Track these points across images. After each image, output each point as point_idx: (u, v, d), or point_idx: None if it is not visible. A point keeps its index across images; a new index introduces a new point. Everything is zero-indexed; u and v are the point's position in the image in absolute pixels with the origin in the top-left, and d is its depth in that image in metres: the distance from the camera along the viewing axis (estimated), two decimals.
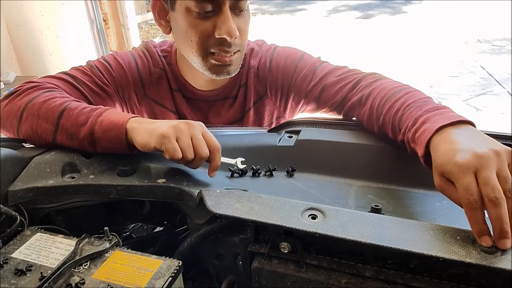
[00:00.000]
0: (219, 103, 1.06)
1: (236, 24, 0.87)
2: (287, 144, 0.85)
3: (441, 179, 0.59)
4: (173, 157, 0.69)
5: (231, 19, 0.85)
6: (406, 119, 0.72)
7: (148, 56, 1.02)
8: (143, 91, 1.03)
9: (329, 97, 0.94)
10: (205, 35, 0.87)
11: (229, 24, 0.85)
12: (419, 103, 0.74)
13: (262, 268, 0.58)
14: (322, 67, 0.97)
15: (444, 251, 0.49)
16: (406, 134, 0.71)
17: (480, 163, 0.53)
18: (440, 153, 0.60)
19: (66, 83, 0.92)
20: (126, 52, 1.03)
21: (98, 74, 0.95)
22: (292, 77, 0.99)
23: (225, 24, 0.85)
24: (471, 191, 0.52)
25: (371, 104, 0.84)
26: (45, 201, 0.73)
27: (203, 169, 0.74)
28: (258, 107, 1.06)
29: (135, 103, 1.03)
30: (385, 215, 0.59)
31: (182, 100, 1.05)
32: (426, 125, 0.67)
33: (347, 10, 8.38)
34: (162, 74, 1.02)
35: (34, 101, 0.82)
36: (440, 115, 0.67)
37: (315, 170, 0.80)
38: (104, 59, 0.99)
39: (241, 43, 0.92)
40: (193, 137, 0.70)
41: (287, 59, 1.01)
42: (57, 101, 0.81)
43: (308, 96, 0.98)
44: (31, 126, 0.80)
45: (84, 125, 0.76)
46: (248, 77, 1.03)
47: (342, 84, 0.92)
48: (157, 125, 0.72)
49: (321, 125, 0.90)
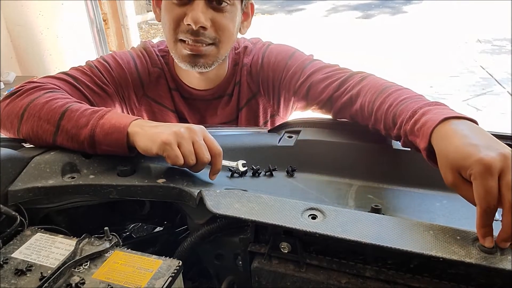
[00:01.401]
0: (215, 102, 1.06)
1: (212, 16, 0.88)
2: (287, 144, 0.85)
3: (456, 175, 0.55)
4: (175, 164, 0.69)
5: (200, 8, 0.86)
6: (402, 113, 0.70)
7: (147, 56, 1.03)
8: (142, 91, 1.03)
9: (316, 95, 0.94)
10: (176, 20, 0.89)
11: (196, 11, 0.86)
12: (414, 99, 0.72)
13: (262, 268, 0.58)
14: (311, 64, 0.97)
15: (444, 251, 0.49)
16: (404, 126, 0.68)
17: (506, 165, 0.50)
18: (454, 147, 0.55)
19: (66, 83, 0.92)
20: (125, 52, 1.04)
21: (98, 74, 0.96)
22: (282, 74, 1.00)
23: (193, 11, 0.86)
24: (494, 195, 0.49)
25: (361, 102, 0.83)
26: (45, 201, 0.73)
27: (204, 170, 0.74)
28: (252, 105, 1.07)
29: (134, 103, 1.04)
30: (385, 215, 0.59)
31: (180, 99, 1.05)
32: (427, 116, 0.63)
33: (347, 10, 8.38)
34: (160, 74, 1.03)
35: (36, 101, 0.81)
36: (441, 109, 0.64)
37: (315, 170, 0.80)
38: (104, 59, 0.99)
39: (216, 37, 0.91)
40: (195, 142, 0.70)
41: (278, 55, 1.01)
42: (58, 102, 0.81)
43: (296, 94, 0.98)
44: (32, 126, 0.80)
45: (85, 127, 0.76)
46: (242, 74, 1.04)
47: (328, 82, 0.92)
48: (158, 130, 0.72)
49: (321, 126, 0.90)
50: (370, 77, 0.87)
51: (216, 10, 0.89)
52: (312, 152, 0.82)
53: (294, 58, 1.00)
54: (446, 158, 0.56)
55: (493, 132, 0.81)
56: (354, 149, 0.82)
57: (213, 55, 0.93)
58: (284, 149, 0.84)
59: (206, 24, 0.88)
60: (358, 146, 0.82)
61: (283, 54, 1.01)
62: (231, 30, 0.93)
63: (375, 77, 0.87)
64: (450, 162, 0.55)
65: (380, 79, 0.86)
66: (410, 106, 0.69)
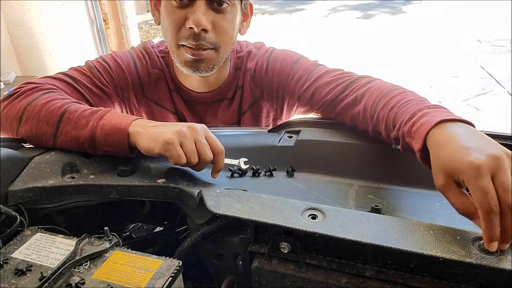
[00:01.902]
0: (214, 105, 1.06)
1: (213, 19, 0.88)
2: (287, 144, 0.85)
3: (447, 179, 0.55)
4: (178, 163, 0.69)
5: (202, 10, 0.86)
6: (402, 115, 0.70)
7: (147, 57, 1.03)
8: (142, 92, 1.03)
9: (320, 98, 0.94)
10: (177, 24, 0.89)
11: (198, 14, 0.85)
12: (416, 102, 0.72)
13: (262, 268, 0.58)
14: (317, 69, 0.97)
15: (444, 250, 0.49)
16: (402, 128, 0.68)
17: (497, 166, 0.50)
18: (447, 151, 0.55)
19: (65, 84, 0.91)
20: (124, 52, 1.03)
21: (98, 75, 0.95)
22: (287, 79, 1.00)
23: (194, 14, 0.86)
24: (492, 195, 0.49)
25: (365, 103, 0.83)
26: (45, 201, 0.73)
27: (205, 170, 0.74)
28: (255, 109, 1.06)
29: (134, 104, 1.03)
30: (385, 215, 0.59)
31: (180, 101, 1.05)
32: (424, 118, 0.63)
33: (347, 10, 8.38)
34: (160, 75, 1.03)
35: (34, 103, 0.81)
36: (441, 112, 0.64)
37: (315, 170, 0.80)
38: (103, 60, 0.99)
39: (216, 42, 0.91)
40: (197, 141, 0.70)
41: (283, 61, 1.01)
42: (57, 103, 0.80)
43: (301, 98, 0.98)
44: (31, 128, 0.79)
45: (84, 129, 0.75)
46: (245, 79, 1.04)
47: (334, 85, 0.92)
48: (160, 129, 0.71)
49: (321, 125, 0.90)
50: (376, 81, 0.87)
51: (216, 11, 0.89)
52: (312, 152, 0.82)
53: (299, 63, 1.00)
54: (438, 161, 0.57)
55: (493, 132, 0.81)
56: (354, 149, 0.82)
57: (213, 58, 0.93)
58: (284, 149, 0.84)
59: (207, 26, 0.87)
60: (358, 146, 0.82)
61: (288, 60, 1.01)
62: (231, 33, 0.94)
63: (381, 81, 0.88)
64: (442, 165, 0.56)
65: (386, 83, 0.86)
66: (410, 109, 0.69)
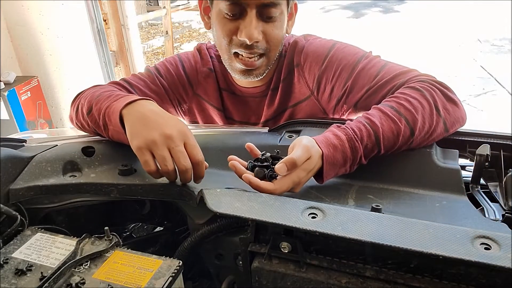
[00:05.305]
0: (263, 99, 1.08)
1: (263, 29, 0.91)
2: (288, 143, 0.85)
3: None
4: (149, 171, 0.69)
5: (254, 24, 0.89)
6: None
7: (198, 57, 1.09)
8: (192, 90, 1.10)
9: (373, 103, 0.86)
10: (230, 34, 0.93)
11: (250, 28, 0.89)
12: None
13: (262, 268, 0.58)
14: (379, 76, 0.91)
15: (444, 249, 0.49)
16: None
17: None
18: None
19: (121, 87, 0.99)
20: (174, 56, 1.11)
21: (153, 78, 1.04)
22: (346, 83, 0.93)
23: (246, 28, 0.89)
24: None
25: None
26: (45, 201, 0.73)
27: (206, 170, 0.74)
28: (303, 106, 1.03)
29: (185, 101, 1.10)
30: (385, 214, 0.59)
31: (229, 97, 1.10)
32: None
33: (338, 9, 8.38)
34: (209, 74, 1.08)
35: (93, 90, 0.93)
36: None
37: None
38: (155, 66, 1.08)
39: (267, 47, 0.94)
40: (171, 149, 0.68)
41: (342, 59, 0.95)
42: (105, 90, 0.90)
43: (357, 106, 0.93)
44: (80, 106, 0.90)
45: (102, 108, 0.81)
46: (291, 72, 1.02)
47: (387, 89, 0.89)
48: (139, 130, 0.71)
49: (321, 125, 0.90)
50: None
51: (266, 21, 0.91)
52: None
53: (362, 70, 0.92)
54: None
55: (493, 132, 0.81)
56: None
57: (264, 65, 0.97)
58: (284, 149, 0.84)
59: (259, 38, 0.91)
60: None
61: (349, 58, 0.95)
62: (280, 38, 0.97)
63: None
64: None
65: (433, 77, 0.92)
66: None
